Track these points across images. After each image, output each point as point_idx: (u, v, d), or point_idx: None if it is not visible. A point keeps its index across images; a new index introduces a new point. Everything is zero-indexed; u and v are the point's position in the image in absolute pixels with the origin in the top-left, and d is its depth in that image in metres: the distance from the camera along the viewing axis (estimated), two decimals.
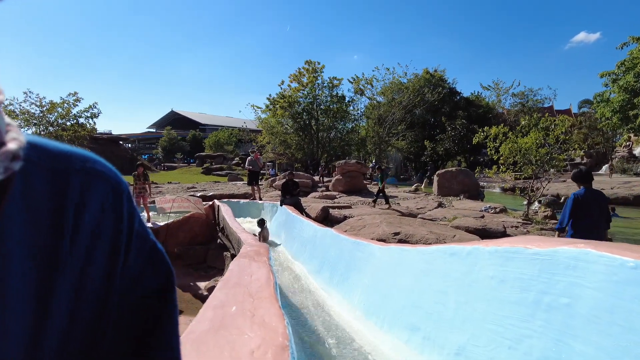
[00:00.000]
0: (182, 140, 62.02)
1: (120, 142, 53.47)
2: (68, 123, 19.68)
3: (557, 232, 4.80)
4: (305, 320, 4.32)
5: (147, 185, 10.64)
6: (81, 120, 19.86)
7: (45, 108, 18.90)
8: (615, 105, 20.52)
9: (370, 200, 14.58)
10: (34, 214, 0.36)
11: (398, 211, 11.84)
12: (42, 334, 0.37)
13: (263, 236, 8.53)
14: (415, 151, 36.88)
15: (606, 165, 32.67)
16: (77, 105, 19.43)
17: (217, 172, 40.47)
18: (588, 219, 4.45)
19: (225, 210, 8.52)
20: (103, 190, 0.43)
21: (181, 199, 10.22)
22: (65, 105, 19.15)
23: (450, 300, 2.78)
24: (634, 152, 33.08)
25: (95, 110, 20.04)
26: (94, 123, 20.41)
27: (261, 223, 8.71)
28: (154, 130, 76.58)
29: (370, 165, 33.87)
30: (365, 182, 19.78)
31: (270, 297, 1.64)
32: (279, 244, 8.64)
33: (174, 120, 74.63)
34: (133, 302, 0.45)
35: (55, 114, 19.15)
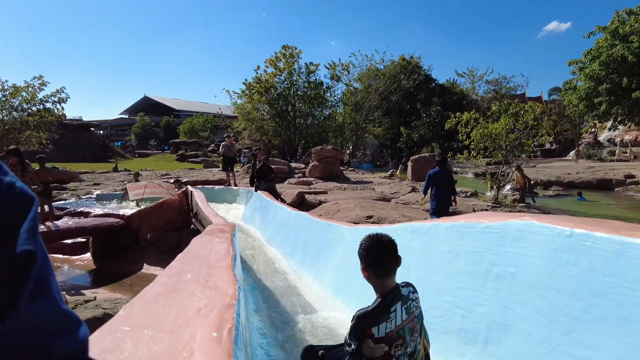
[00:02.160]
0: (155, 126, 60.55)
1: (92, 129, 51.79)
2: (34, 108, 18.92)
3: (423, 196, 8.43)
4: (278, 301, 4.40)
5: (27, 180, 7.51)
6: (48, 105, 19.12)
7: (8, 92, 18.07)
8: (581, 92, 21.21)
9: (346, 185, 14.74)
10: None
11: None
12: None
13: None
14: (391, 137, 37.25)
15: (573, 151, 33.87)
16: (43, 89, 18.67)
17: (192, 159, 39.86)
18: (438, 187, 7.27)
19: (198, 196, 8.47)
20: None
21: (153, 184, 10.08)
22: (30, 89, 18.37)
23: (411, 275, 2.90)
24: (599, 139, 34.39)
25: (63, 95, 19.32)
26: (62, 108, 19.69)
27: None
28: (127, 117, 74.42)
29: (348, 152, 34.08)
30: (341, 168, 19.91)
31: (226, 267, 1.69)
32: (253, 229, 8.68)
33: (148, 106, 72.64)
34: None
35: (20, 98, 18.35)
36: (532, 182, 12.79)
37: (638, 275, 1.49)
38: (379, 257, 1.73)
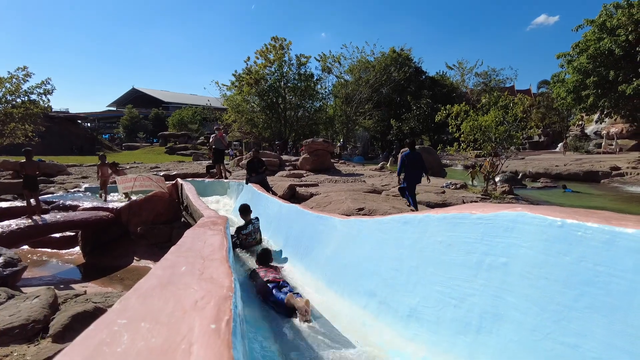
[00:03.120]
0: (144, 119, 59.77)
1: (79, 121, 50.93)
2: (18, 100, 18.51)
3: (398, 177, 9.09)
4: None
5: None
6: (33, 97, 18.73)
7: None
8: (569, 85, 21.44)
9: (337, 178, 14.75)
10: None
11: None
12: None
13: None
14: (381, 130, 37.32)
15: (561, 143, 34.31)
16: (27, 80, 18.26)
17: (182, 152, 39.51)
18: (411, 168, 8.36)
19: (188, 189, 8.40)
20: None
21: (143, 177, 9.96)
22: (14, 80, 17.96)
23: (404, 266, 2.93)
24: (586, 131, 34.87)
25: (49, 87, 18.93)
26: (48, 100, 19.30)
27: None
28: (115, 109, 73.30)
29: (339, 144, 34.07)
30: (332, 160, 19.92)
31: (221, 259, 1.68)
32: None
33: (136, 98, 71.60)
34: None
35: (3, 89, 17.93)
36: (495, 169, 13.02)
37: (627, 264, 1.52)
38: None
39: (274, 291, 3.70)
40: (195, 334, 0.92)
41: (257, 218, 6.32)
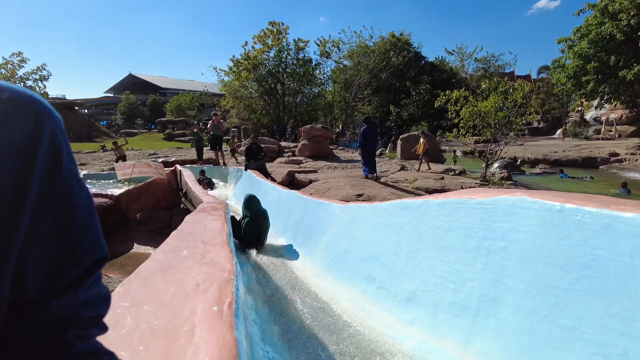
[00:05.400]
0: (141, 105, 59.34)
1: (76, 108, 50.44)
2: None
3: (358, 150, 9.89)
4: (271, 278, 4.44)
5: None
6: (29, 83, 18.58)
7: None
8: (569, 71, 21.30)
9: (336, 164, 14.74)
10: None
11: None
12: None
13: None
14: (380, 116, 37.12)
15: (560, 129, 34.23)
16: (22, 66, 18.11)
17: (180, 138, 39.34)
18: (368, 141, 9.32)
19: (187, 175, 8.40)
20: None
21: (141, 164, 9.94)
22: (9, 66, 17.78)
23: (402, 251, 2.95)
24: (585, 117, 34.77)
25: (45, 73, 18.84)
26: (44, 86, 19.24)
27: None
28: (112, 95, 72.72)
29: (337, 130, 33.93)
30: (331, 147, 19.88)
31: (222, 243, 1.69)
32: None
33: (133, 84, 70.97)
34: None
35: None
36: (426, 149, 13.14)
37: (625, 248, 1.53)
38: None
39: None
40: (197, 316, 0.93)
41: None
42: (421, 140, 13.44)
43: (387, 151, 23.22)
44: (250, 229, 5.37)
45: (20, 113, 0.51)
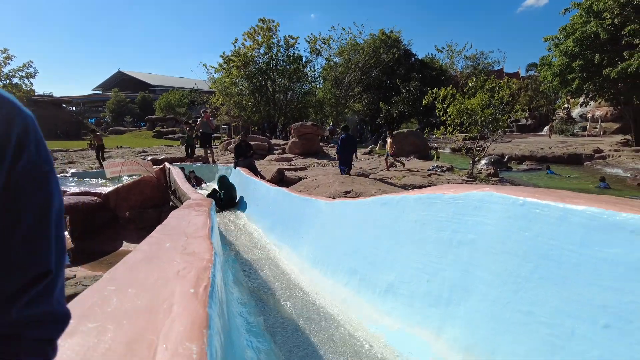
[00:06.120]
0: (130, 102, 58.79)
1: (64, 105, 49.88)
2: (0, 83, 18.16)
3: (337, 155, 10.55)
4: (258, 273, 4.55)
5: None
6: (15, 80, 18.37)
7: None
8: (556, 68, 21.62)
9: (326, 161, 14.85)
10: None
11: None
12: None
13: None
14: (370, 113, 37.31)
15: (547, 126, 34.72)
16: (8, 63, 17.89)
17: (169, 136, 39.10)
18: (347, 147, 10.06)
19: (176, 173, 8.45)
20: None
21: (130, 162, 9.96)
22: None
23: (382, 244, 3.08)
24: (572, 114, 35.31)
25: (31, 70, 18.61)
26: (31, 84, 19.00)
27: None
28: (100, 92, 71.87)
29: (328, 128, 34.03)
30: (321, 144, 19.97)
31: (203, 237, 1.80)
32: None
33: (122, 81, 70.19)
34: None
35: None
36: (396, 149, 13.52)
37: (577, 238, 1.67)
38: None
39: None
40: (175, 297, 1.05)
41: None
42: (388, 140, 13.61)
43: (377, 148, 23.40)
44: (227, 197, 8.28)
45: None
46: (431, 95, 13.23)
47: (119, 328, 0.91)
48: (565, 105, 35.02)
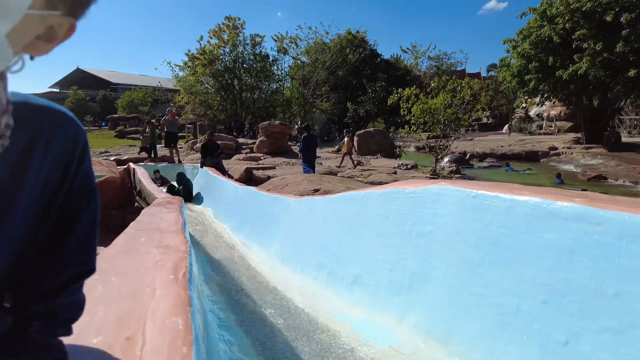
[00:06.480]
0: (91, 101, 56.52)
1: None
2: None
3: (300, 154, 11.23)
4: (227, 272, 4.57)
5: None
6: None
7: None
8: (514, 70, 22.66)
9: (295, 160, 14.92)
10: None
11: None
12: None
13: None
14: (338, 113, 37.67)
15: (507, 125, 36.24)
16: None
17: (132, 136, 37.88)
18: (310, 146, 10.49)
19: (141, 173, 8.29)
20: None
21: (93, 162, 9.64)
22: None
23: (349, 239, 3.20)
24: (529, 114, 37.04)
25: None
26: None
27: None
28: (58, 90, 68.55)
29: (296, 127, 34.06)
30: (289, 143, 20.02)
31: (177, 231, 1.86)
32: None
33: (81, 79, 67.27)
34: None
35: None
36: (354, 148, 14.13)
37: (522, 226, 1.84)
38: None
39: None
40: (157, 282, 1.15)
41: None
42: (345, 139, 13.99)
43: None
44: (185, 192, 8.93)
45: (64, 132, 0.58)
46: (396, 95, 13.59)
47: (108, 309, 1.01)
48: (524, 105, 36.68)
